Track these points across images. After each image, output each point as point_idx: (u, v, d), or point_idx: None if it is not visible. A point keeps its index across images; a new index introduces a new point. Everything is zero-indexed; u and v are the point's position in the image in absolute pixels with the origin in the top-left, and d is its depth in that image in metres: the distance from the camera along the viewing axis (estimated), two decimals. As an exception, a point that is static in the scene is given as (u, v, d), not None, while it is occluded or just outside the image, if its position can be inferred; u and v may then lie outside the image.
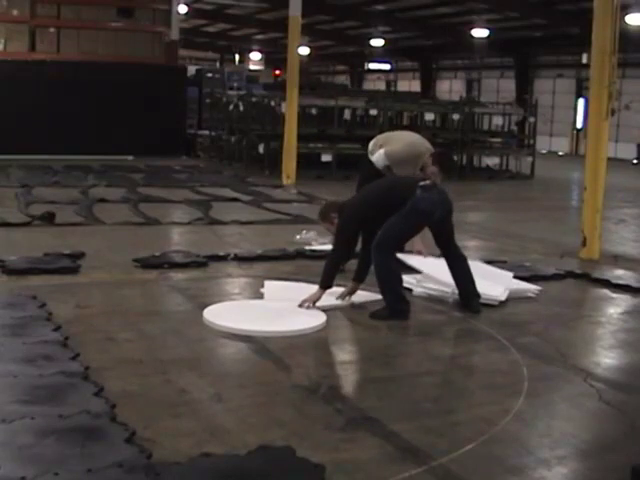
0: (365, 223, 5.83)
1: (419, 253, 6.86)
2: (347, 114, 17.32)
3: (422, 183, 5.82)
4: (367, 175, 6.96)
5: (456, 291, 6.04)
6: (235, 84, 26.47)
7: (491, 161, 18.58)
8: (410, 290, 6.34)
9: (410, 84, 36.76)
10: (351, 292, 6.00)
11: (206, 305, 5.62)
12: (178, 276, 6.77)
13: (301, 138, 15.19)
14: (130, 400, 3.85)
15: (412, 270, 6.54)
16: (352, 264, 7.15)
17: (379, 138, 7.37)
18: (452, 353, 5.25)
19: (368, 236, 5.86)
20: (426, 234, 6.26)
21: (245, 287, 6.67)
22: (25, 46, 19.53)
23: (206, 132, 21.70)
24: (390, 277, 5.71)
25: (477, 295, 5.96)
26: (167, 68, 20.56)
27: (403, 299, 5.70)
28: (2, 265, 6.57)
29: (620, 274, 7.51)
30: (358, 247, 6.06)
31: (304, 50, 30.20)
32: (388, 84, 39.97)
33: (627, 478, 3.22)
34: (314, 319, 5.40)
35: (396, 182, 6.23)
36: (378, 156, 7.03)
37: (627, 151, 25.62)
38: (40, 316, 5.13)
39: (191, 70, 24.96)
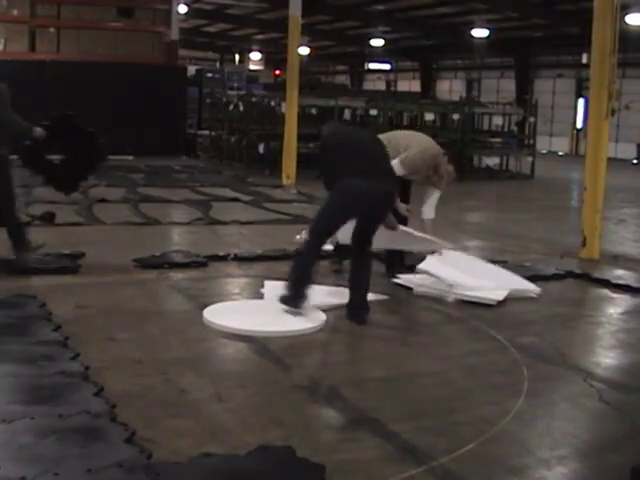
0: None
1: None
2: (347, 114, 17.35)
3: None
4: None
5: (456, 291, 6.02)
6: (235, 84, 26.48)
7: (491, 161, 18.60)
8: (410, 289, 6.35)
9: (410, 84, 36.77)
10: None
11: (206, 305, 5.62)
12: (178, 276, 6.77)
13: (301, 138, 15.18)
14: (130, 400, 3.85)
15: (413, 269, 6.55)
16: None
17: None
18: (452, 353, 5.24)
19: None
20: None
21: (245, 287, 6.67)
22: (25, 46, 19.56)
23: (206, 132, 21.70)
24: (301, 267, 5.54)
25: (366, 307, 5.59)
26: (167, 68, 20.57)
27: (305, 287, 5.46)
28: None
29: (620, 274, 7.51)
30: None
31: (304, 50, 30.19)
32: (388, 84, 39.99)
33: (627, 478, 3.22)
34: (314, 319, 5.40)
35: (364, 148, 5.78)
36: (394, 165, 6.89)
37: (627, 151, 25.62)
38: (40, 316, 5.13)
39: (191, 70, 24.97)
